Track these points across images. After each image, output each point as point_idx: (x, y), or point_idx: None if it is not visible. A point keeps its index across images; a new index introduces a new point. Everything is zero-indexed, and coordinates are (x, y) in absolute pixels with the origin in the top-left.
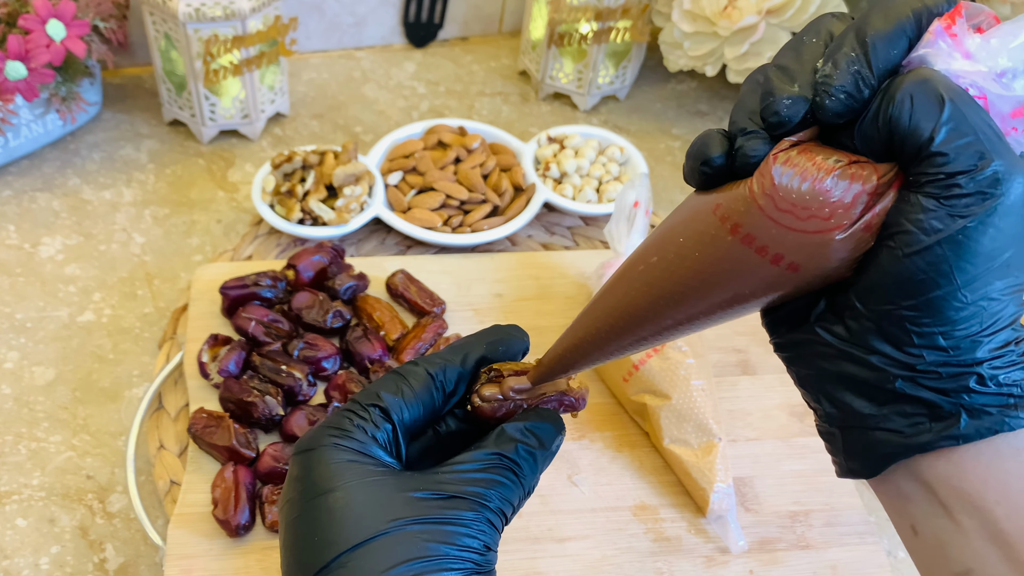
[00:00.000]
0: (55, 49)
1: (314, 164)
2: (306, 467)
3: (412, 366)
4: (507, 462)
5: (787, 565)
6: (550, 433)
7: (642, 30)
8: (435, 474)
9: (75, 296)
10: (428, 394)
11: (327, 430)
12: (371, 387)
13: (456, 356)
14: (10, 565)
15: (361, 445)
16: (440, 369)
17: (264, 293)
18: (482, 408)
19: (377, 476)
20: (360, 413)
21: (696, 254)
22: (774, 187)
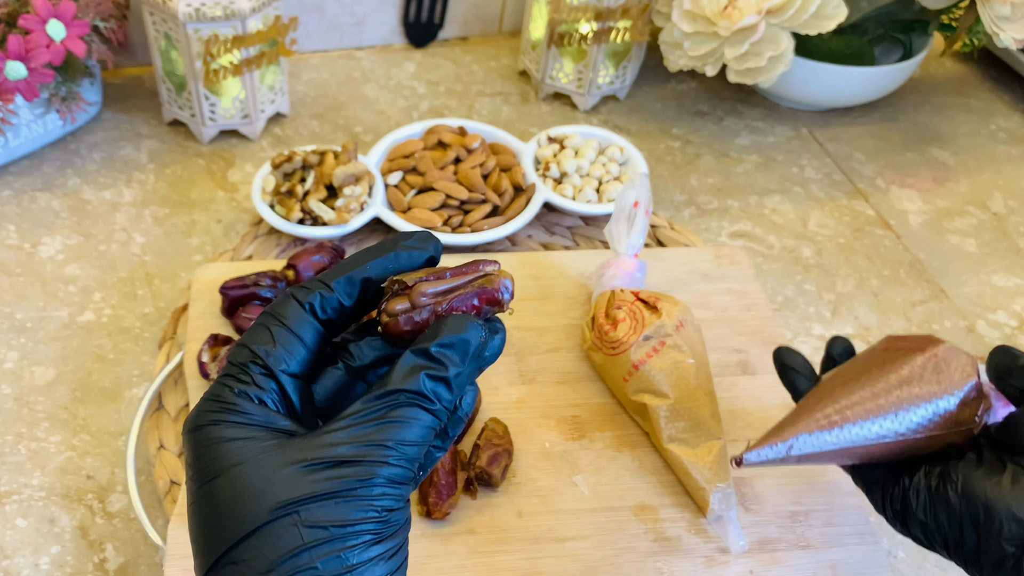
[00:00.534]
0: (55, 49)
1: (314, 164)
2: (193, 448)
3: (281, 300)
4: (411, 398)
5: (787, 565)
6: (466, 343)
7: (642, 30)
8: (324, 434)
9: (75, 296)
10: (308, 329)
11: (210, 404)
12: (243, 339)
13: (329, 278)
14: (10, 565)
15: (246, 416)
16: (314, 296)
17: (264, 293)
18: (391, 325)
19: (263, 452)
20: (240, 377)
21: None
22: None
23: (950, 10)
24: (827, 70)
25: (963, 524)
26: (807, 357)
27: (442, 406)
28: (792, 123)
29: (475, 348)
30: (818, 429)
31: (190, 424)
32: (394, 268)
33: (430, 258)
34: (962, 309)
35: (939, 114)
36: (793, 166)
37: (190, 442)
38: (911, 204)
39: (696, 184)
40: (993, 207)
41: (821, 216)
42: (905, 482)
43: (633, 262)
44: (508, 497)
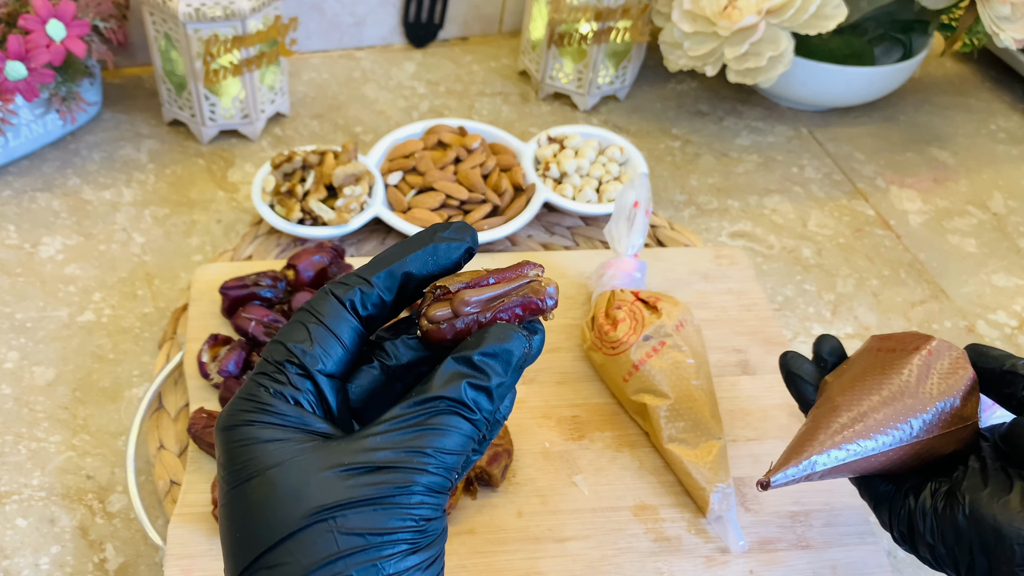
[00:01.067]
0: (55, 49)
1: (314, 164)
2: (227, 448)
3: (321, 297)
4: (452, 405)
5: (787, 565)
6: (509, 355)
7: (642, 30)
8: (363, 439)
9: (75, 296)
10: (346, 327)
11: (244, 404)
12: (279, 336)
13: (368, 272)
14: (10, 565)
15: (282, 418)
16: (352, 292)
17: (264, 293)
18: (432, 332)
19: (299, 455)
20: (276, 377)
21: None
22: None
23: (950, 10)
24: (827, 70)
25: (972, 548)
26: (808, 358)
27: (482, 416)
28: (792, 123)
29: (518, 358)
30: (836, 445)
31: (223, 422)
32: (433, 260)
33: (468, 249)
34: (962, 309)
35: (939, 114)
36: (793, 166)
37: (223, 441)
38: (911, 204)
39: (696, 184)
40: (993, 207)
41: (821, 216)
42: (911, 503)
43: (633, 262)
44: (508, 497)
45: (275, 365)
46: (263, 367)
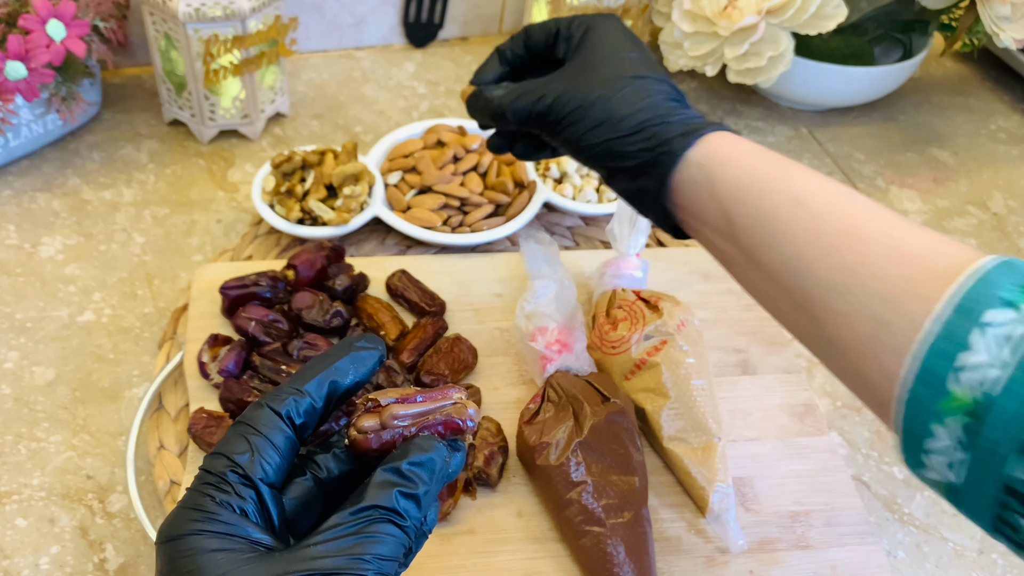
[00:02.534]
0: (55, 49)
1: (314, 164)
2: (170, 559)
3: (255, 410)
4: (385, 514)
5: (787, 565)
6: (433, 464)
7: (642, 30)
8: (305, 548)
9: (75, 296)
10: (282, 437)
11: (190, 514)
12: (219, 448)
13: (299, 383)
14: (10, 565)
15: (227, 527)
16: (285, 404)
17: (264, 293)
18: (359, 441)
19: (244, 564)
20: (221, 487)
21: None
22: None
23: (950, 10)
24: (827, 70)
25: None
26: (808, 357)
27: (411, 523)
28: (792, 123)
29: (440, 467)
30: None
31: (167, 533)
32: (354, 368)
33: (380, 357)
34: None
35: (939, 114)
36: None
37: (167, 552)
38: (911, 204)
39: None
40: (993, 207)
41: None
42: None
43: (635, 261)
44: (508, 497)
45: (217, 476)
46: (205, 478)
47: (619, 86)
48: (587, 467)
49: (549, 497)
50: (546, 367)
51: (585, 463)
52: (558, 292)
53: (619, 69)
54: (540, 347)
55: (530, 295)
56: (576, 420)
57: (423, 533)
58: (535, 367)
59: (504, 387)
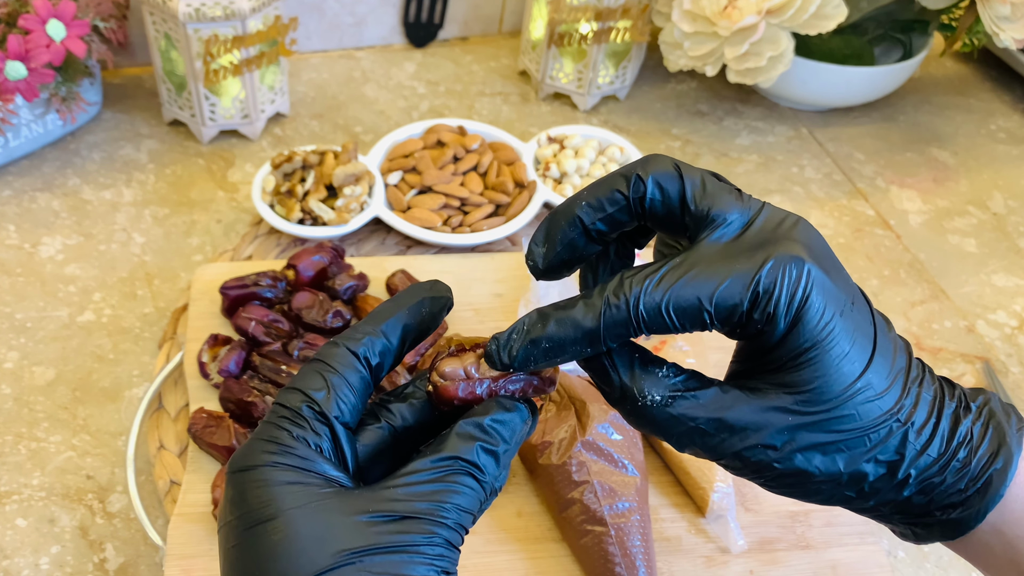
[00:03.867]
0: (55, 49)
1: (314, 164)
2: (241, 489)
3: (332, 348)
4: (465, 466)
5: (787, 565)
6: (515, 425)
7: (642, 30)
8: (385, 489)
9: (75, 296)
10: (357, 377)
11: (264, 445)
12: (295, 383)
13: (373, 326)
14: (10, 565)
15: (303, 461)
16: (361, 344)
17: (264, 293)
18: (444, 388)
19: (320, 499)
20: (297, 421)
21: None
22: None
23: (950, 10)
24: (827, 70)
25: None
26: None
27: (489, 478)
28: (792, 123)
29: (520, 428)
30: None
31: (239, 463)
32: (427, 312)
33: (449, 301)
34: (962, 309)
35: (939, 114)
36: (793, 166)
37: (238, 481)
38: (911, 204)
39: None
40: (993, 207)
41: (821, 216)
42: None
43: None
44: (508, 497)
45: (293, 410)
46: (279, 411)
47: (871, 430)
48: (589, 467)
49: (550, 496)
50: None
51: (587, 463)
52: (561, 292)
53: (864, 400)
54: None
55: (532, 295)
56: (578, 420)
57: (495, 491)
58: None
59: None
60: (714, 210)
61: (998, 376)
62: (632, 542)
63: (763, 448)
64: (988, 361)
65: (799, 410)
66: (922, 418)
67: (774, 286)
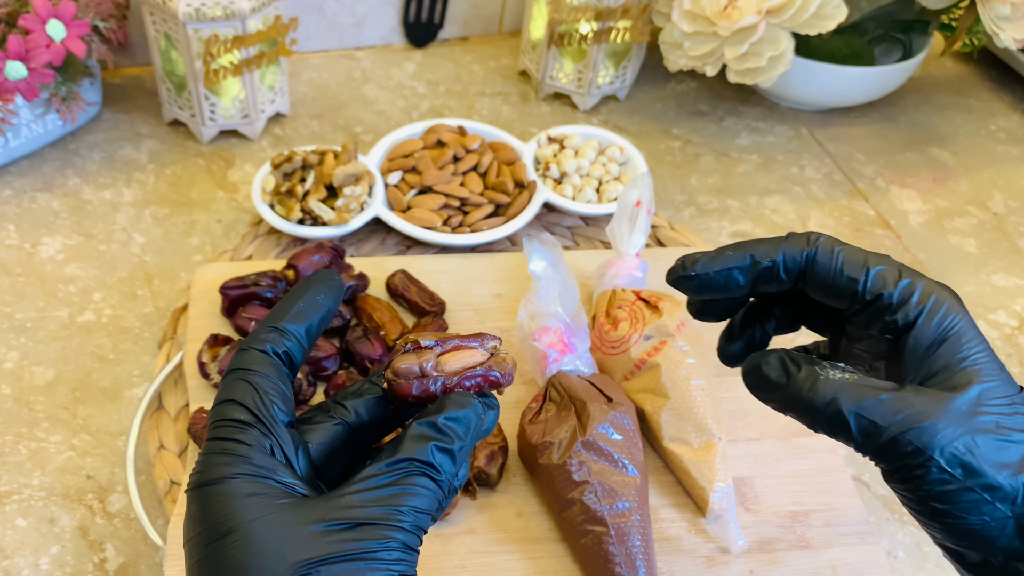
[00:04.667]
0: (55, 49)
1: (314, 164)
2: (203, 504)
3: (241, 355)
4: (420, 467)
5: (787, 565)
6: (468, 421)
7: (642, 30)
8: (340, 496)
9: (75, 296)
10: (276, 372)
11: (220, 458)
12: (224, 396)
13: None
14: (10, 565)
15: (259, 469)
16: (269, 343)
17: (264, 293)
18: (398, 386)
19: (278, 511)
20: (243, 429)
21: None
22: None
23: (950, 10)
24: (827, 70)
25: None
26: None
27: (446, 477)
28: (792, 123)
29: (475, 424)
30: None
31: (199, 480)
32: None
33: (342, 285)
34: None
35: (939, 114)
36: (793, 166)
37: (199, 498)
38: (911, 204)
39: (696, 184)
40: (993, 207)
41: (821, 216)
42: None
43: (635, 261)
44: (508, 497)
45: (233, 420)
46: (221, 424)
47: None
48: (589, 467)
49: (550, 496)
50: (548, 367)
51: (587, 463)
52: (561, 292)
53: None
54: (543, 347)
55: (533, 295)
56: (579, 420)
57: (454, 489)
58: (537, 367)
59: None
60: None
61: None
62: (632, 542)
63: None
64: None
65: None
66: None
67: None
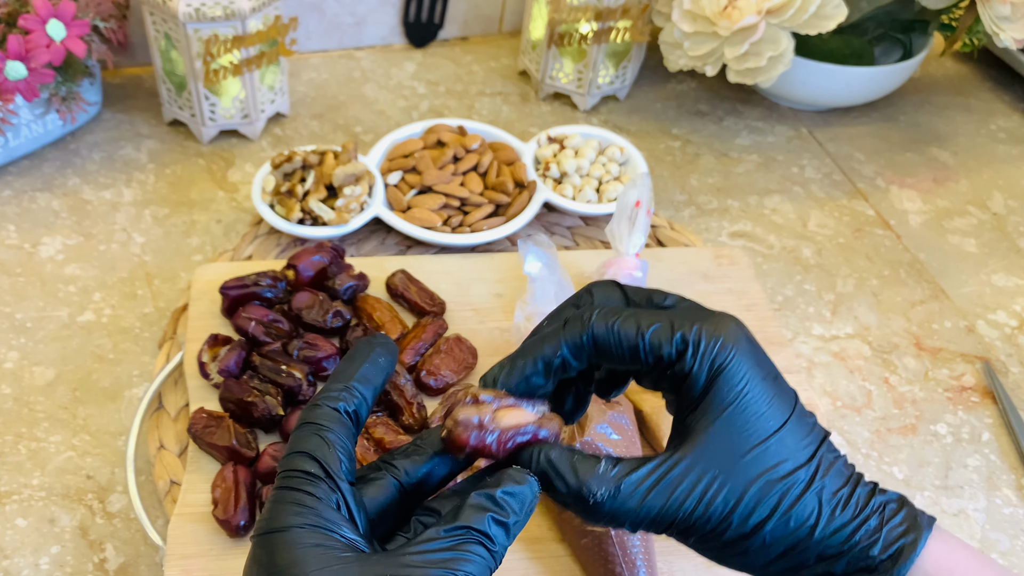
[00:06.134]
0: (55, 49)
1: (314, 164)
2: (269, 550)
3: (315, 409)
4: (476, 536)
5: None
6: (524, 497)
7: (642, 30)
8: (400, 555)
9: (75, 296)
10: (346, 431)
11: (287, 508)
12: (297, 447)
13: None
14: (10, 565)
15: (325, 522)
16: (340, 400)
17: (264, 293)
18: (456, 435)
19: (342, 563)
20: (312, 481)
21: None
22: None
23: (950, 10)
24: (827, 70)
25: None
26: (807, 357)
27: (499, 548)
28: (792, 123)
29: (531, 500)
30: None
31: (266, 526)
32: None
33: (396, 352)
34: (962, 309)
35: (939, 114)
36: (793, 166)
37: (265, 543)
38: (911, 204)
39: (696, 184)
40: (993, 207)
41: (821, 216)
42: None
43: (635, 261)
44: None
45: (304, 472)
46: (292, 474)
47: (793, 494)
48: None
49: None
50: None
51: None
52: (557, 293)
53: (784, 459)
54: None
55: (528, 296)
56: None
57: (501, 561)
58: None
59: None
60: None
61: (998, 376)
62: (632, 542)
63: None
64: (988, 361)
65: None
66: (836, 485)
67: (701, 336)
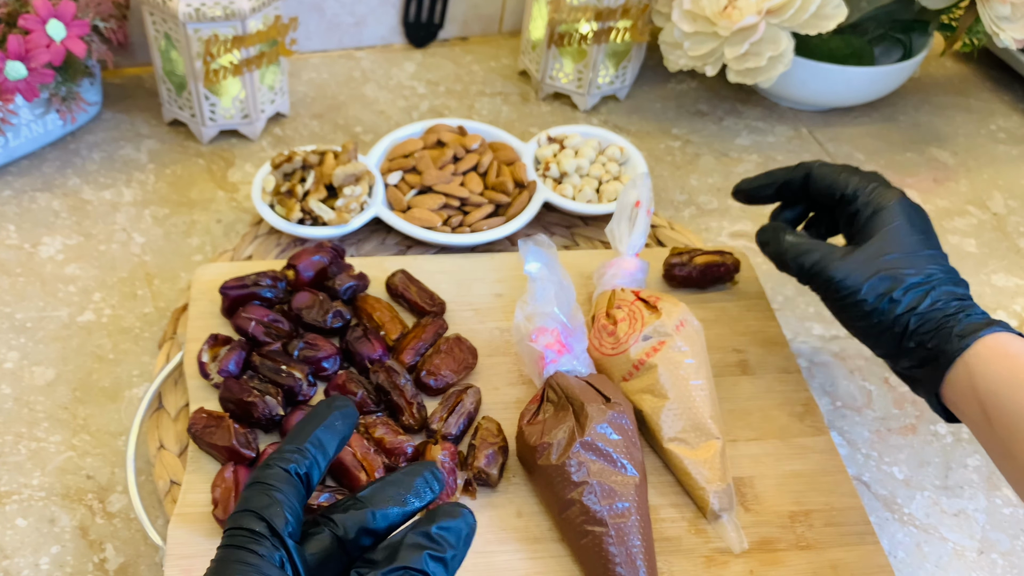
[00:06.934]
0: (55, 49)
1: (314, 164)
2: None
3: (267, 469)
4: (415, 575)
5: (787, 565)
6: (459, 530)
7: (642, 30)
8: None
9: (75, 296)
10: (295, 492)
11: (234, 567)
12: (245, 505)
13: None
14: (10, 565)
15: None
16: (292, 463)
17: (264, 293)
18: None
19: None
20: (257, 540)
21: None
22: None
23: (950, 10)
24: (827, 70)
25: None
26: (808, 357)
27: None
28: (792, 123)
29: (467, 533)
30: None
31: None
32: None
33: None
34: None
35: (939, 114)
36: None
37: None
38: None
39: (696, 184)
40: (993, 207)
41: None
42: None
43: (634, 261)
44: (508, 497)
45: (249, 531)
46: (239, 533)
47: (902, 290)
48: (588, 467)
49: (550, 497)
50: (545, 368)
51: (586, 463)
52: (557, 293)
53: (906, 266)
54: (540, 347)
55: (529, 296)
56: (577, 420)
57: None
58: (534, 368)
59: (504, 387)
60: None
61: None
62: (632, 542)
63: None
64: None
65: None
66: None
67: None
